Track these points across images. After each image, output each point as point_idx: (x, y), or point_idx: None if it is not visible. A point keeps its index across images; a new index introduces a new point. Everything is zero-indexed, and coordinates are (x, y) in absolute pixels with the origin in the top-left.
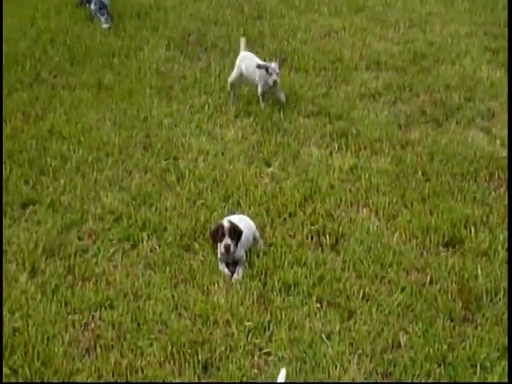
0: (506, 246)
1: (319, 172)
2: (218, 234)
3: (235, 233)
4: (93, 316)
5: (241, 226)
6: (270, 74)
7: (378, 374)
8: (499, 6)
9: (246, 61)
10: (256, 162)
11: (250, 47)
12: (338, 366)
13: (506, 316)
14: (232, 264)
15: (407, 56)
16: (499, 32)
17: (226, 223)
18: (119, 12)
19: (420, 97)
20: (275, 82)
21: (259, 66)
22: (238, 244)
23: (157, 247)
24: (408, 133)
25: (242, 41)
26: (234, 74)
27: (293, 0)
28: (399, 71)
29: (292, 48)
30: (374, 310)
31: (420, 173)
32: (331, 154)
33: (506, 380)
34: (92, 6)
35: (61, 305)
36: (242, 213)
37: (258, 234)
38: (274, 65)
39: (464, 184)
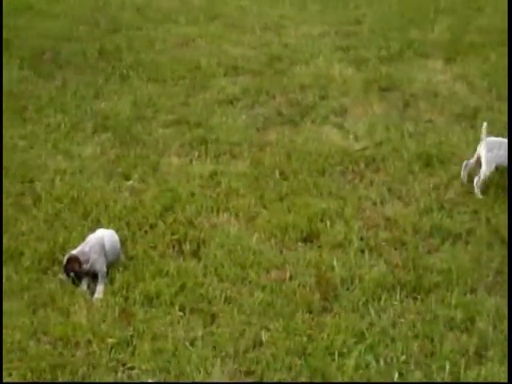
0: (360, 235)
1: (179, 181)
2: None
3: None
4: None
5: (105, 239)
6: None
7: (241, 374)
8: (350, 5)
9: (495, 150)
10: (115, 177)
11: (106, 61)
12: (202, 370)
13: (361, 302)
14: (92, 279)
15: (263, 59)
16: (349, 30)
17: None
18: None
19: (276, 98)
20: None
21: None
22: (96, 256)
23: (13, 274)
24: (266, 135)
25: (484, 126)
26: (489, 171)
27: (148, 11)
28: (256, 75)
29: (149, 59)
30: (235, 312)
31: (278, 173)
32: (191, 161)
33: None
34: None
35: None
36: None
37: (120, 249)
38: None
39: (320, 180)
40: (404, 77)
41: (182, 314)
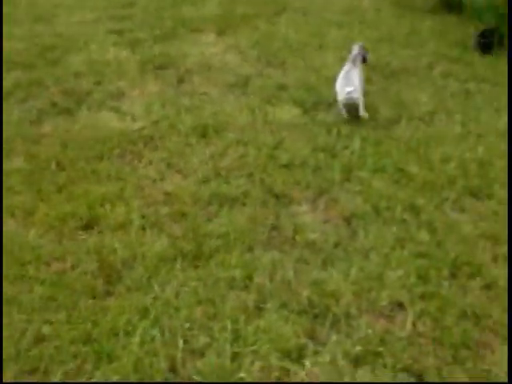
0: (141, 213)
1: None
2: None
3: None
4: None
5: None
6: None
7: (24, 373)
8: None
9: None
10: None
11: None
12: None
13: (144, 278)
14: None
15: (35, 51)
16: (123, 13)
17: None
18: None
19: (50, 89)
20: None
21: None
22: None
23: None
24: (40, 127)
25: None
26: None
27: None
28: (27, 68)
29: None
30: (15, 312)
31: (54, 164)
32: None
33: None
34: None
35: None
36: None
37: None
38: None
39: (98, 165)
40: (178, 53)
41: None
